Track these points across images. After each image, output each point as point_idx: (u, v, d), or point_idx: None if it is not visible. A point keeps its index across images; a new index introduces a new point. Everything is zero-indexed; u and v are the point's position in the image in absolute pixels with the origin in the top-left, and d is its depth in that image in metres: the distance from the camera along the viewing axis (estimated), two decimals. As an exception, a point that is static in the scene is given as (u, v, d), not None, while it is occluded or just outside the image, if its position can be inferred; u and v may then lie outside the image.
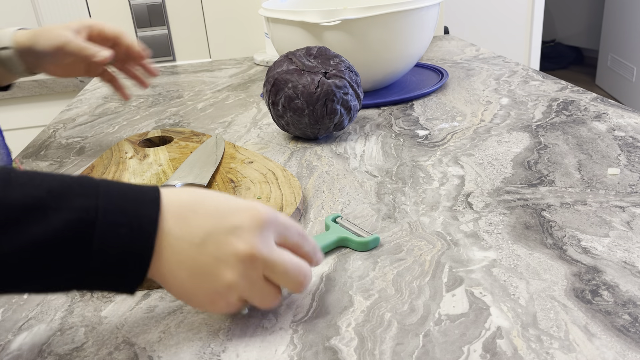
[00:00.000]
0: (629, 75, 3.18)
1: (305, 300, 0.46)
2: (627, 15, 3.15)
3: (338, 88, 0.76)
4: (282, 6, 1.09)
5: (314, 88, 0.75)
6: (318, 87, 0.75)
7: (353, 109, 0.79)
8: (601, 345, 0.39)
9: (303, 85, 0.76)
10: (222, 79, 1.25)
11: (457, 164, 0.70)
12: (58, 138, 0.93)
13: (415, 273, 0.48)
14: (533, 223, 0.55)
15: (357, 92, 0.79)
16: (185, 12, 1.41)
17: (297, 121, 0.78)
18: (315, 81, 0.76)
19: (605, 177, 0.63)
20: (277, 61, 0.80)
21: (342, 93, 0.76)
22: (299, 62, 0.78)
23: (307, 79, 0.76)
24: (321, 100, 0.75)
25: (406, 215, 0.58)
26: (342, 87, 0.77)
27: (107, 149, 0.85)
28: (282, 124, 0.81)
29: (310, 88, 0.75)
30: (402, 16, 0.91)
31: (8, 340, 0.44)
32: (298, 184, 0.63)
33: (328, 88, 0.75)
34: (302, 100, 0.76)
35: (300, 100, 0.76)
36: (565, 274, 0.47)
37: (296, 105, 0.76)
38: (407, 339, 0.41)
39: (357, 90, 0.79)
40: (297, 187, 0.63)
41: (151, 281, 0.49)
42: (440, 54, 1.31)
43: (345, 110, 0.78)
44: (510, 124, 0.82)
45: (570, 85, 0.98)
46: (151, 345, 0.43)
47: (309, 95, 0.75)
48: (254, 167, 0.69)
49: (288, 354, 0.40)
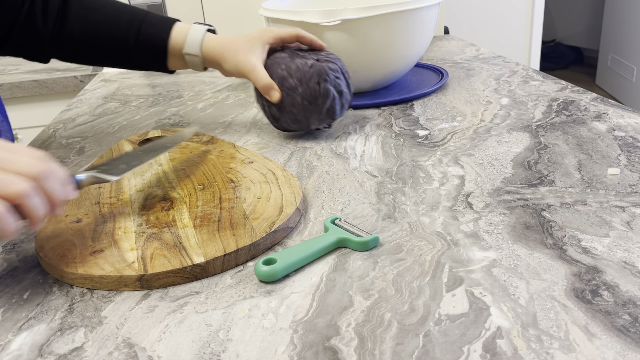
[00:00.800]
0: (629, 75, 3.18)
1: (305, 300, 0.46)
2: (627, 15, 3.15)
3: (331, 70, 0.77)
4: (282, 6, 1.09)
5: (307, 68, 0.76)
6: (311, 67, 0.76)
7: (344, 96, 0.79)
8: (601, 345, 0.39)
9: (297, 66, 0.76)
10: (222, 79, 1.25)
11: (457, 164, 0.70)
12: (58, 138, 0.93)
13: (415, 273, 0.48)
14: (533, 223, 0.55)
15: (348, 82, 0.80)
16: (185, 12, 1.41)
17: (289, 103, 0.77)
18: (309, 63, 0.76)
19: (606, 177, 0.63)
20: (269, 52, 0.81)
21: (334, 76, 0.77)
22: (291, 51, 0.79)
23: (301, 61, 0.77)
24: (314, 78, 0.75)
25: (406, 215, 0.58)
26: (335, 71, 0.77)
27: (107, 149, 0.85)
28: (274, 113, 0.80)
29: (304, 68, 0.76)
30: (402, 16, 0.91)
31: (8, 340, 0.44)
32: (298, 183, 0.64)
33: (321, 68, 0.76)
34: (295, 80, 0.76)
35: (294, 79, 0.76)
36: (565, 274, 0.47)
37: (290, 84, 0.76)
38: (407, 339, 0.41)
39: (348, 80, 0.80)
40: (297, 187, 0.63)
41: (151, 281, 0.49)
42: (440, 54, 1.31)
43: (338, 94, 0.78)
44: (510, 124, 0.82)
45: (570, 85, 0.98)
46: (151, 345, 0.43)
47: (302, 73, 0.76)
48: (254, 167, 0.69)
49: (288, 354, 0.40)
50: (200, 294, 0.48)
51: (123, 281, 0.49)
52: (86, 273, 0.50)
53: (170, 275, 0.49)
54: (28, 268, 0.54)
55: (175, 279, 0.50)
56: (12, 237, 0.45)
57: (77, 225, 0.58)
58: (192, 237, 0.54)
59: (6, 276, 0.53)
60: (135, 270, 0.49)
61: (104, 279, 0.49)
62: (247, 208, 0.59)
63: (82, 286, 0.50)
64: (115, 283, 0.49)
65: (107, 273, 0.49)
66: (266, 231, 0.54)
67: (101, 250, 0.53)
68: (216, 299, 0.47)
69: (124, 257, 0.52)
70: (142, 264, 0.50)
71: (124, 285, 0.49)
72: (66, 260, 0.52)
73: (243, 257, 0.52)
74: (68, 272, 0.50)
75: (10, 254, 0.57)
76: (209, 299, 0.47)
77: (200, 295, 0.48)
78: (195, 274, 0.50)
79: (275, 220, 0.56)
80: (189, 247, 0.52)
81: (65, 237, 0.56)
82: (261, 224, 0.55)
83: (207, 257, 0.50)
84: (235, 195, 0.62)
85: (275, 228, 0.55)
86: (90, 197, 0.64)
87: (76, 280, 0.50)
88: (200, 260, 0.50)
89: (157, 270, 0.49)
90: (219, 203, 0.61)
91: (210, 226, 0.56)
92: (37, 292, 0.50)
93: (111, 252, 0.53)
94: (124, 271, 0.49)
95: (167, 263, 0.50)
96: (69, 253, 0.53)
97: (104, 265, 0.51)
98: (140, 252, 0.52)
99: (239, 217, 0.57)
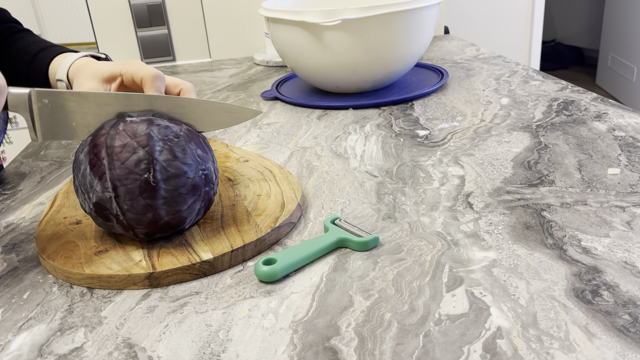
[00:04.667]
0: (629, 75, 3.18)
1: (305, 300, 0.46)
2: (628, 15, 3.15)
3: None
4: (282, 6, 1.09)
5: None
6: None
7: None
8: (601, 345, 0.39)
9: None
10: (222, 78, 1.25)
11: (457, 164, 0.70)
12: (58, 138, 0.93)
13: (416, 273, 0.48)
14: (533, 223, 0.55)
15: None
16: (185, 12, 1.41)
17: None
18: None
19: (606, 177, 0.63)
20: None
21: None
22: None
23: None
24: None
25: (406, 215, 0.58)
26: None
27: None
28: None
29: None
30: (402, 16, 0.91)
31: (8, 340, 0.44)
32: (296, 180, 0.64)
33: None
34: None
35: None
36: (565, 274, 0.47)
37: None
38: (407, 339, 0.41)
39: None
40: (296, 183, 0.63)
41: (160, 278, 0.49)
42: (440, 54, 1.31)
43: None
44: (510, 124, 0.82)
45: (570, 85, 0.98)
46: (151, 345, 0.42)
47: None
48: (250, 165, 0.70)
49: (288, 354, 0.40)
50: (200, 294, 0.48)
51: (132, 279, 0.49)
52: (93, 273, 0.50)
53: (179, 273, 0.50)
54: (28, 268, 0.54)
55: (184, 276, 0.50)
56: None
57: (78, 226, 0.58)
58: (197, 234, 0.55)
59: (6, 276, 0.53)
60: (144, 268, 0.50)
61: (112, 278, 0.50)
62: (248, 205, 0.60)
63: (91, 286, 0.50)
64: (124, 282, 0.50)
65: (115, 272, 0.50)
66: (271, 227, 0.55)
67: (106, 250, 0.53)
68: (216, 299, 0.47)
69: (130, 256, 0.52)
70: (149, 263, 0.51)
71: (132, 283, 0.50)
72: (72, 262, 0.52)
73: (250, 253, 0.53)
74: (75, 273, 0.50)
75: (10, 254, 0.57)
76: (209, 299, 0.47)
77: (200, 295, 0.48)
78: (203, 271, 0.51)
79: (278, 216, 0.57)
80: (195, 244, 0.53)
81: (67, 238, 0.56)
82: (265, 220, 0.56)
83: (215, 254, 0.51)
84: (235, 193, 0.63)
85: (280, 224, 0.55)
86: None
87: (83, 280, 0.50)
88: (209, 257, 0.51)
89: (166, 267, 0.50)
90: (219, 201, 0.61)
91: (214, 223, 0.56)
92: (37, 292, 0.50)
93: (116, 251, 0.53)
94: (132, 270, 0.50)
95: (175, 260, 0.51)
96: (73, 254, 0.53)
97: (111, 264, 0.51)
98: (146, 251, 0.53)
99: (241, 214, 0.58)
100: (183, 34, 1.43)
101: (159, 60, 1.43)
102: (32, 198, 0.70)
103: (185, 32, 1.43)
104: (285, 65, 1.32)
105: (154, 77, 0.59)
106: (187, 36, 1.43)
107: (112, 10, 1.38)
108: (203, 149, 0.54)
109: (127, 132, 0.51)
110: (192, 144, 0.53)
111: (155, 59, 1.43)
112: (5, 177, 0.78)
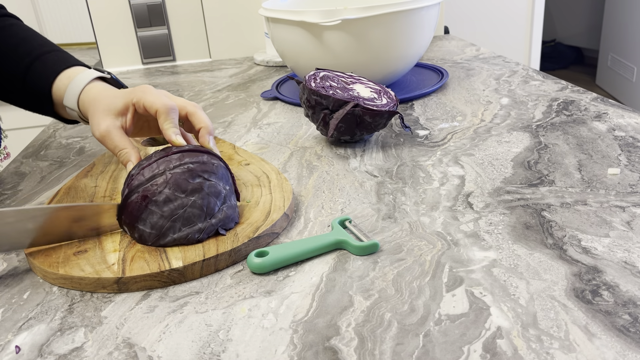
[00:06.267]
0: (629, 75, 3.18)
1: (305, 300, 0.46)
2: (627, 15, 3.15)
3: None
4: (282, 6, 1.09)
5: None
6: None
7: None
8: (601, 345, 0.39)
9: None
10: (222, 78, 1.25)
11: (457, 164, 0.70)
12: (58, 138, 0.93)
13: (416, 273, 0.48)
14: (533, 223, 0.55)
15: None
16: (185, 12, 1.41)
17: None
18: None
19: (606, 177, 0.63)
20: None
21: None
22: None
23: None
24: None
25: (406, 215, 0.58)
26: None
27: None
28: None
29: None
30: (402, 16, 0.91)
31: (8, 340, 0.44)
32: (290, 188, 0.63)
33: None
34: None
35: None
36: (565, 274, 0.47)
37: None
38: (407, 339, 0.41)
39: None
40: (289, 191, 0.62)
41: (129, 284, 0.49)
42: (440, 54, 1.31)
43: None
44: (510, 124, 0.82)
45: (570, 85, 0.98)
46: (151, 345, 0.42)
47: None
48: (249, 169, 0.69)
49: (288, 354, 0.40)
50: (200, 294, 0.48)
51: (101, 283, 0.49)
52: (66, 274, 0.49)
53: (147, 279, 0.49)
54: (28, 268, 0.54)
55: (153, 283, 0.49)
56: None
57: None
58: None
59: (6, 276, 0.53)
60: (114, 272, 0.49)
61: (83, 280, 0.49)
62: None
63: (64, 287, 0.50)
64: (94, 285, 0.49)
65: (86, 275, 0.49)
66: (249, 237, 0.53)
67: (85, 251, 0.53)
68: (216, 299, 0.47)
69: (106, 258, 0.51)
70: (121, 267, 0.50)
71: (102, 287, 0.49)
72: (49, 261, 0.51)
73: (223, 263, 0.51)
74: (50, 273, 0.50)
75: (10, 254, 0.57)
76: (209, 299, 0.47)
77: (200, 295, 0.48)
78: (172, 279, 0.50)
79: (259, 226, 0.55)
80: (170, 251, 0.52)
81: None
82: (245, 229, 0.55)
83: (186, 262, 0.50)
84: None
85: (259, 234, 0.54)
86: (85, 195, 0.64)
87: (57, 280, 0.50)
88: (179, 265, 0.49)
89: (135, 273, 0.49)
90: None
91: None
92: (37, 292, 0.50)
93: (94, 253, 0.53)
94: (103, 273, 0.49)
95: (146, 266, 0.50)
96: (54, 253, 0.53)
97: (85, 266, 0.50)
98: (122, 254, 0.52)
99: None
100: (183, 34, 1.43)
101: (159, 60, 1.43)
102: (32, 198, 0.70)
103: (185, 32, 1.43)
104: (285, 65, 1.32)
105: (169, 110, 0.60)
106: (187, 36, 1.43)
107: (112, 10, 1.38)
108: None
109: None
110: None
111: (155, 59, 1.43)
112: (5, 177, 0.78)
